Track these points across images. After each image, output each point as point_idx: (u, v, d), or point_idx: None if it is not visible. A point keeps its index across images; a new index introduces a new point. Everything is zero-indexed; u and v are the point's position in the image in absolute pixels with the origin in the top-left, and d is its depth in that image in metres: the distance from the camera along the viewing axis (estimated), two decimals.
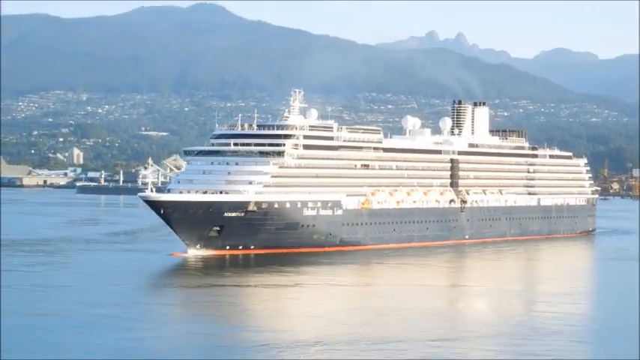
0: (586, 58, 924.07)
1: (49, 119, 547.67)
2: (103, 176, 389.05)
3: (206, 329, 71.74)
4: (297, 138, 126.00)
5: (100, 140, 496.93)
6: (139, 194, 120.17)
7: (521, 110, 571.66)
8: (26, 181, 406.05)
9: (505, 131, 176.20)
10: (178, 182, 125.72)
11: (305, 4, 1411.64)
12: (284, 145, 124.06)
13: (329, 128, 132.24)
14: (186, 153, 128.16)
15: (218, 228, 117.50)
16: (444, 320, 78.59)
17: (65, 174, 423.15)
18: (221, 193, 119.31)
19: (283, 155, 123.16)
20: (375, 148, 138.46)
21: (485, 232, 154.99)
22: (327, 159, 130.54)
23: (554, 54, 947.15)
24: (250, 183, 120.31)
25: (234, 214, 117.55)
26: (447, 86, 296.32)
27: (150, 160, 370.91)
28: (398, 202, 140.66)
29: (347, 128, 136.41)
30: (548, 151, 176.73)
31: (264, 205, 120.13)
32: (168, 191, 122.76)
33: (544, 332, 71.63)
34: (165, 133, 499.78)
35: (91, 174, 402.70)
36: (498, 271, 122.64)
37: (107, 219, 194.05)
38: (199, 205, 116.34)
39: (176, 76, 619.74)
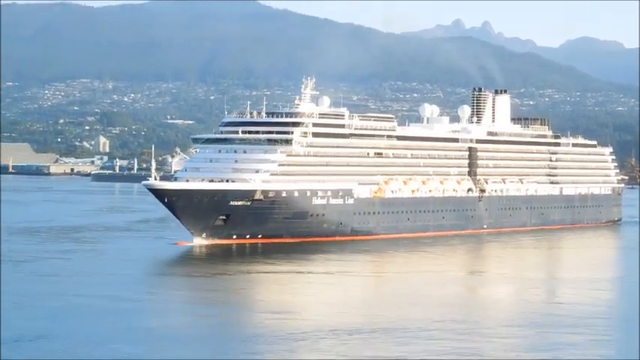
0: (612, 47, 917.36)
1: (75, 107, 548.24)
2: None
3: (217, 315, 70.17)
4: (306, 126, 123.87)
5: (125, 129, 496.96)
6: (143, 182, 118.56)
7: (547, 99, 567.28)
8: (53, 169, 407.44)
9: (527, 119, 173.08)
10: (185, 170, 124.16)
11: None
12: (292, 133, 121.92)
13: (340, 116, 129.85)
14: (195, 141, 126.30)
15: (224, 217, 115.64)
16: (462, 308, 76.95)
17: (92, 162, 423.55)
18: (227, 181, 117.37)
19: (291, 143, 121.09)
20: (389, 136, 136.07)
21: (504, 221, 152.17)
22: (338, 147, 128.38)
23: (580, 43, 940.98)
24: (257, 171, 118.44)
25: (240, 203, 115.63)
26: (473, 75, 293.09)
27: (177, 149, 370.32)
28: (413, 191, 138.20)
29: (359, 116, 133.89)
30: (572, 140, 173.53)
31: (271, 194, 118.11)
32: (175, 179, 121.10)
33: (562, 323, 69.82)
34: (191, 122, 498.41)
35: (120, 162, 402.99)
36: (517, 259, 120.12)
37: (129, 206, 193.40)
38: (204, 194, 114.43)
39: (202, 64, 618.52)
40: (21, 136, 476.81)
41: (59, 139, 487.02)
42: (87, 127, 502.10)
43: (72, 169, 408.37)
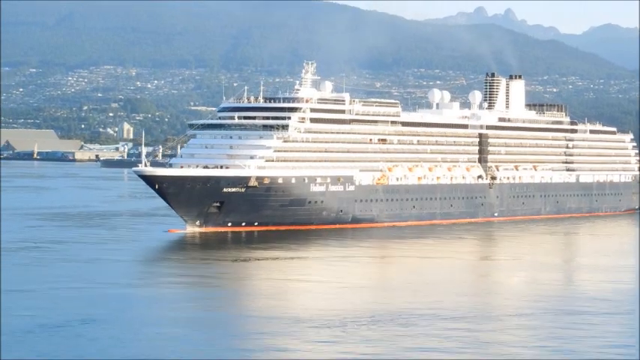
0: (635, 34, 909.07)
1: (99, 94, 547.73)
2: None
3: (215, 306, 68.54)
4: (303, 111, 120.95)
5: (149, 115, 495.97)
6: (134, 169, 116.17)
7: (570, 86, 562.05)
8: (78, 155, 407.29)
9: (542, 105, 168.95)
10: (181, 157, 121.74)
11: None
12: (289, 118, 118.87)
13: (340, 101, 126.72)
14: (191, 126, 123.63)
15: (218, 204, 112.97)
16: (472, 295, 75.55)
17: (117, 149, 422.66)
18: (221, 167, 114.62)
19: (288, 129, 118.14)
20: (393, 122, 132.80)
21: (516, 209, 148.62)
22: (338, 133, 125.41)
23: (604, 30, 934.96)
24: (252, 157, 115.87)
25: (234, 190, 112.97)
26: (495, 62, 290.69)
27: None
28: (419, 178, 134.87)
29: (361, 101, 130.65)
30: (589, 126, 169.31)
31: (266, 181, 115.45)
32: (170, 166, 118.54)
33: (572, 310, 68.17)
34: (214, 109, 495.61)
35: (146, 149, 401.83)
36: (528, 247, 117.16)
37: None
38: (196, 180, 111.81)
39: (225, 51, 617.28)
40: (45, 122, 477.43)
41: (83, 126, 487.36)
42: (110, 114, 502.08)
43: (97, 156, 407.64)
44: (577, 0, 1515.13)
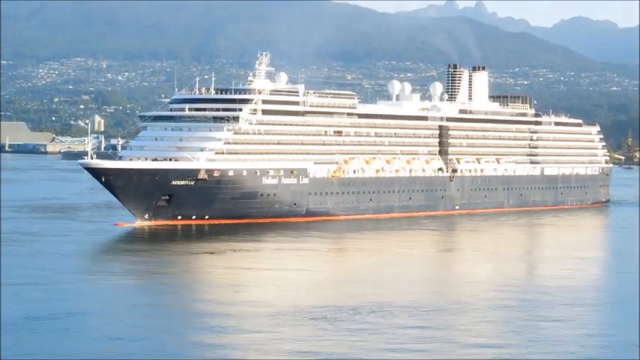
0: (606, 27, 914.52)
1: (70, 86, 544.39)
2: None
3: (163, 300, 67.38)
4: (255, 103, 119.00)
5: (120, 107, 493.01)
6: (79, 161, 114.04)
7: (541, 79, 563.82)
8: (50, 147, 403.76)
9: (506, 97, 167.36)
10: (131, 149, 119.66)
11: None
12: (240, 110, 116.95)
13: (294, 93, 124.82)
14: (142, 118, 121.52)
15: (167, 197, 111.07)
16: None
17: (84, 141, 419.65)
18: (170, 160, 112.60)
19: (238, 121, 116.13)
20: (349, 114, 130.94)
21: (478, 202, 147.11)
22: (291, 125, 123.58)
23: (574, 22, 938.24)
24: (201, 150, 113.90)
25: (182, 183, 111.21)
26: (465, 54, 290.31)
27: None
28: (377, 171, 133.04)
29: (315, 93, 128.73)
30: (554, 118, 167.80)
31: (215, 174, 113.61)
32: (120, 158, 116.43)
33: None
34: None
35: (113, 141, 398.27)
36: (488, 241, 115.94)
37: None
38: (143, 173, 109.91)
39: (196, 43, 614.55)
40: (16, 114, 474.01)
41: (54, 118, 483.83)
42: (82, 106, 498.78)
43: (69, 148, 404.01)
44: None
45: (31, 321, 57.43)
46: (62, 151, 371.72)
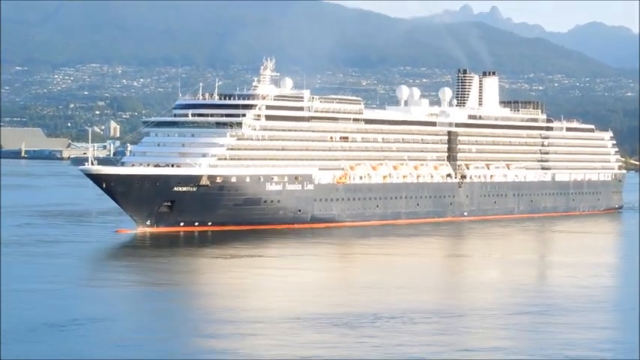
0: (621, 32, 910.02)
1: (85, 92, 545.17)
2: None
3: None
4: (259, 108, 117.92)
5: (136, 113, 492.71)
6: (80, 167, 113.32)
7: (556, 84, 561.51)
8: (66, 153, 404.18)
9: (517, 103, 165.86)
10: (133, 155, 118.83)
11: None
12: (244, 115, 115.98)
13: (298, 98, 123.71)
14: (145, 124, 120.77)
15: (169, 203, 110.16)
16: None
17: (104, 147, 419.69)
18: (172, 166, 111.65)
19: (241, 126, 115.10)
20: (355, 120, 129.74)
21: (487, 208, 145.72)
22: (296, 130, 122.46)
23: (589, 28, 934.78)
24: (204, 156, 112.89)
25: (184, 189, 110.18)
26: (480, 60, 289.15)
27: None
28: (384, 177, 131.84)
29: (320, 98, 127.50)
30: (565, 124, 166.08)
31: (218, 180, 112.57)
32: (122, 164, 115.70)
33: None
34: None
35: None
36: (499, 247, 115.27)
37: None
38: (144, 179, 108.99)
39: (210, 49, 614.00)
40: (31, 120, 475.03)
41: (69, 124, 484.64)
42: (97, 112, 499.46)
43: (84, 154, 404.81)
44: None
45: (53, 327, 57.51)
46: (71, 156, 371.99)
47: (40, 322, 58.19)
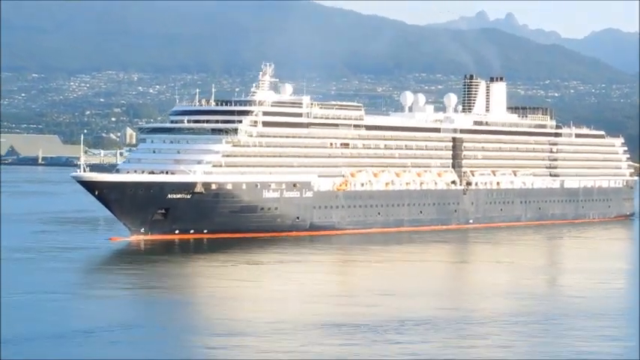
0: (636, 39, 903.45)
1: (101, 99, 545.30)
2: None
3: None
4: (256, 115, 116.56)
5: (152, 120, 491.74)
6: (72, 174, 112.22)
7: (572, 91, 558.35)
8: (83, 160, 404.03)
9: (525, 109, 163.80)
10: (129, 162, 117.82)
11: None
12: (240, 122, 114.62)
13: (297, 104, 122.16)
14: (141, 130, 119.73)
15: (163, 211, 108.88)
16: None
17: (121, 154, 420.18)
18: (167, 173, 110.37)
19: (237, 133, 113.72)
20: (356, 126, 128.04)
21: (494, 216, 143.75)
22: (294, 137, 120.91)
23: (605, 34, 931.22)
24: (199, 162, 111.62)
25: (179, 196, 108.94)
26: (495, 66, 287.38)
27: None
28: (387, 184, 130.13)
29: (320, 104, 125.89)
30: (575, 130, 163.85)
31: (213, 187, 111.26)
32: (117, 171, 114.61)
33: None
34: None
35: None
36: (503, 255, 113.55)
37: None
38: (138, 186, 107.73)
39: (226, 56, 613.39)
40: (47, 127, 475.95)
41: (85, 131, 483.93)
42: (113, 119, 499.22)
43: (102, 161, 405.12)
44: (578, 4, 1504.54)
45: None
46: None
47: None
